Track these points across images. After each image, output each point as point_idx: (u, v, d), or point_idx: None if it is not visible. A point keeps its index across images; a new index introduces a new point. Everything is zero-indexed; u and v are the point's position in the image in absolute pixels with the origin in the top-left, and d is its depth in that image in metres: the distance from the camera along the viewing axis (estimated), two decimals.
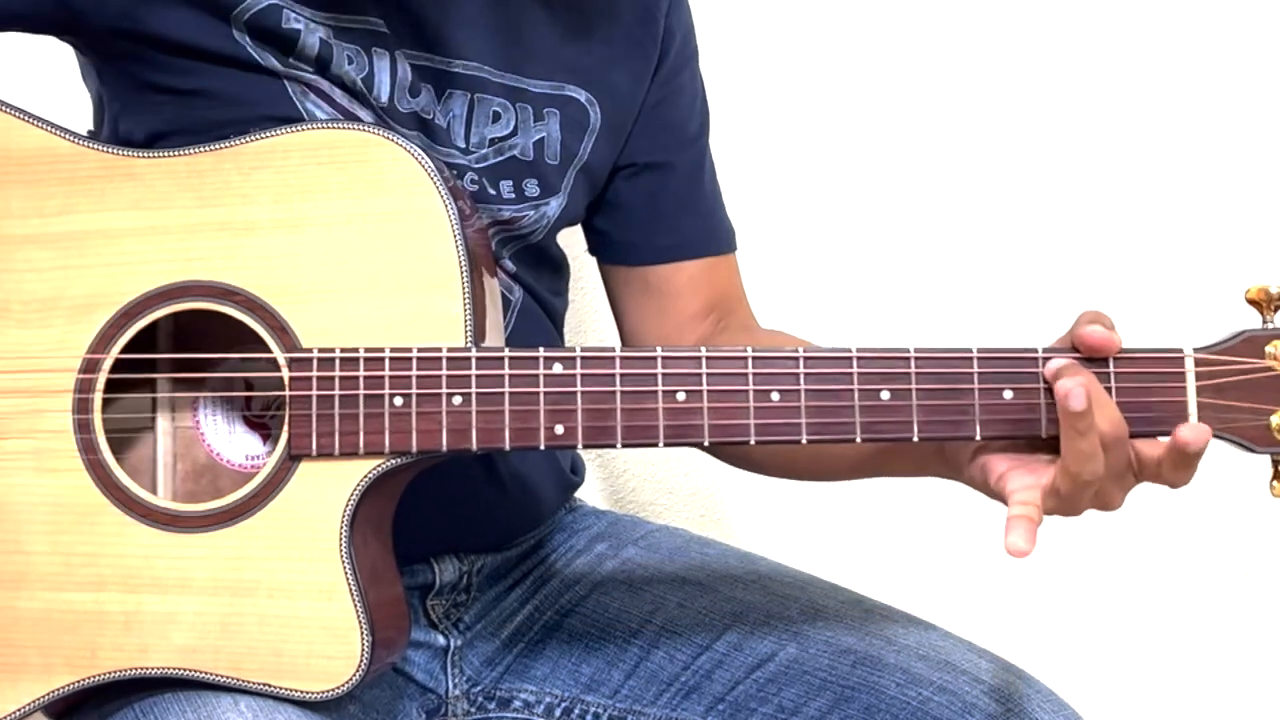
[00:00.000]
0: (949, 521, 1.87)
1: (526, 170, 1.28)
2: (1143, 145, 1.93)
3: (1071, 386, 1.07)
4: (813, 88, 1.88)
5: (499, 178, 1.28)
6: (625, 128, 1.35)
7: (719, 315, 1.41)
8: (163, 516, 1.13)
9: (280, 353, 1.12)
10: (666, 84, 1.38)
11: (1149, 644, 1.98)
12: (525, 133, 1.28)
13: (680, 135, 1.40)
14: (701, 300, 1.40)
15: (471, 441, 1.11)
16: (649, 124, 1.37)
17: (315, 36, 1.21)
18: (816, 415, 1.11)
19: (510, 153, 1.28)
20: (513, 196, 1.28)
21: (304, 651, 1.11)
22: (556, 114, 1.29)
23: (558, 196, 1.31)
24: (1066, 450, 1.08)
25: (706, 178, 1.42)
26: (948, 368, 1.11)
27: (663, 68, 1.37)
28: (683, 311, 1.39)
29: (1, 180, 1.15)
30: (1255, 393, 1.11)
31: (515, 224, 1.29)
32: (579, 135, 1.31)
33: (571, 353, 1.12)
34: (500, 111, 1.27)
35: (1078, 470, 1.07)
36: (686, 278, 1.40)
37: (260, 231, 1.13)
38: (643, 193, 1.38)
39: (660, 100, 1.38)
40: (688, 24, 1.41)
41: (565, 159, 1.30)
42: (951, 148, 1.91)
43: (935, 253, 1.91)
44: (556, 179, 1.30)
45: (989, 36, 1.91)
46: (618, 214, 1.39)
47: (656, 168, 1.38)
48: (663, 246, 1.39)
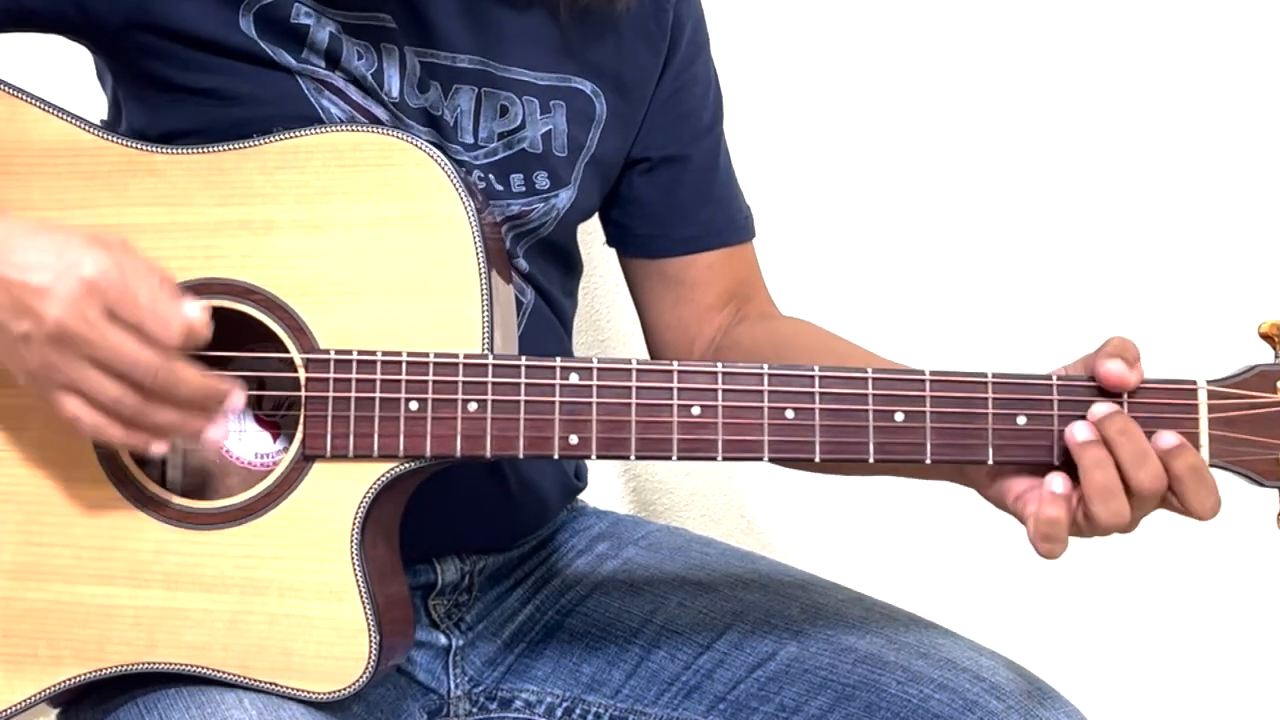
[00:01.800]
0: (950, 520, 1.88)
1: (536, 163, 1.28)
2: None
3: (1075, 423, 1.09)
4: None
5: (509, 171, 1.28)
6: (635, 119, 1.35)
7: (738, 303, 1.41)
8: (175, 513, 1.13)
9: (298, 353, 1.12)
10: (679, 75, 1.37)
11: (1150, 642, 1.99)
12: (533, 125, 1.28)
13: (695, 126, 1.40)
14: (720, 288, 1.40)
15: (486, 448, 1.12)
16: (663, 116, 1.37)
17: (325, 31, 1.20)
18: (830, 434, 1.12)
19: (520, 145, 1.28)
20: (523, 190, 1.28)
21: (312, 651, 1.12)
22: (563, 106, 1.29)
23: (568, 189, 1.31)
24: (1087, 488, 1.08)
25: (722, 166, 1.42)
26: (962, 391, 1.12)
27: (674, 59, 1.37)
28: (701, 300, 1.40)
29: (24, 171, 1.15)
30: (1266, 427, 1.11)
31: (524, 218, 1.29)
32: (585, 127, 1.31)
33: (588, 363, 1.12)
34: (508, 105, 1.27)
35: (1100, 511, 1.08)
36: (704, 267, 1.40)
37: (281, 231, 1.13)
38: (660, 186, 1.38)
39: (673, 92, 1.37)
40: (698, 13, 1.40)
41: (574, 150, 1.30)
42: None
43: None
44: (566, 171, 1.30)
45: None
46: (634, 208, 1.39)
47: (673, 161, 1.38)
48: (681, 238, 1.39)
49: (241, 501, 1.13)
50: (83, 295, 1.03)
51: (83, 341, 1.03)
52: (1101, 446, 1.08)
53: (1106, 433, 1.09)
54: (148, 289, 1.05)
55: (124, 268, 1.04)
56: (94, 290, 1.03)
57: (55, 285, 1.03)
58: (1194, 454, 1.09)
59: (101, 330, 1.04)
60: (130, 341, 1.04)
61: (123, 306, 1.04)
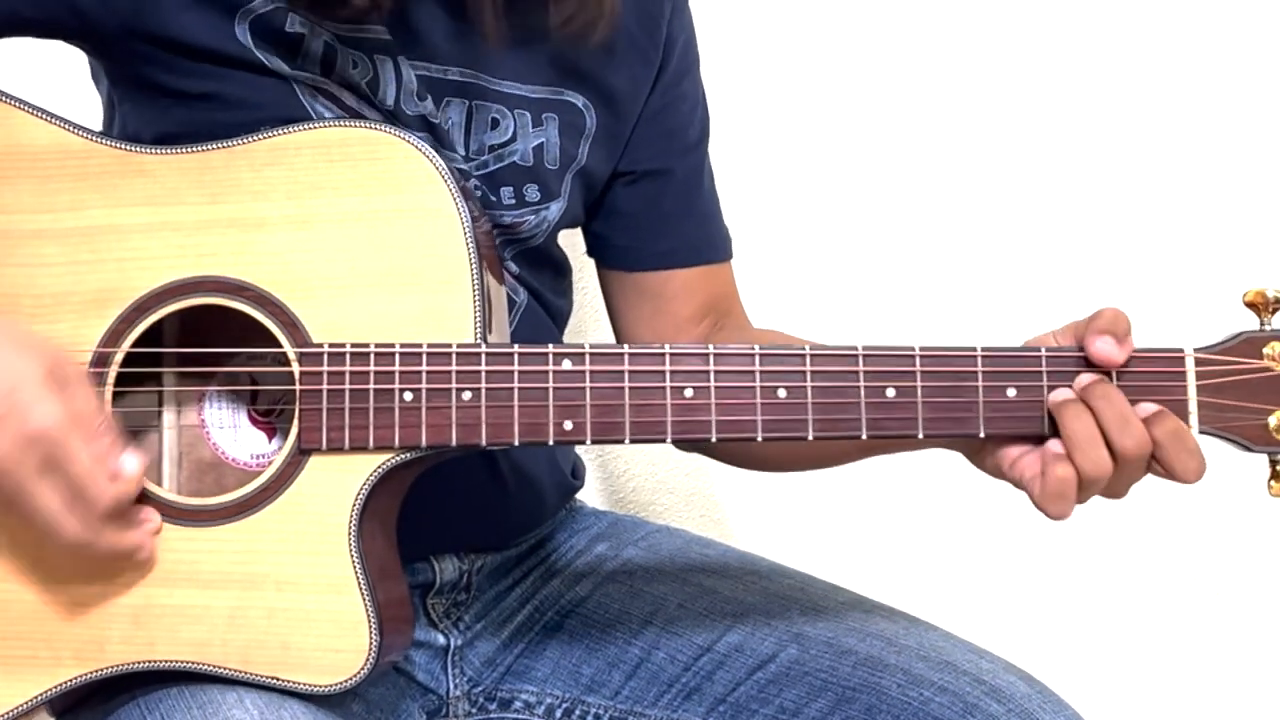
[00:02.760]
0: (950, 522, 1.88)
1: (526, 175, 1.29)
2: (1143, 147, 1.95)
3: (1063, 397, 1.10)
4: (811, 88, 1.89)
5: (499, 184, 1.28)
6: (623, 133, 1.36)
7: (714, 318, 1.42)
8: (172, 510, 1.13)
9: (291, 348, 1.13)
10: (668, 91, 1.39)
11: (1149, 644, 1.99)
12: (524, 138, 1.29)
13: (680, 142, 1.41)
14: (696, 304, 1.41)
15: (481, 437, 1.12)
16: (649, 131, 1.38)
17: (320, 41, 1.21)
18: (823, 412, 1.12)
19: (510, 159, 1.29)
20: (513, 202, 1.29)
21: (312, 645, 1.11)
22: (555, 118, 1.30)
23: (558, 200, 1.32)
24: (1068, 439, 1.10)
25: (705, 184, 1.43)
26: (952, 366, 1.13)
27: (664, 74, 1.38)
28: (677, 314, 1.40)
29: (13, 175, 1.15)
30: (1254, 393, 1.12)
31: (516, 229, 1.30)
32: (576, 140, 1.32)
33: (580, 349, 1.13)
34: (499, 118, 1.28)
35: (1082, 462, 1.09)
36: (681, 283, 1.41)
37: (271, 227, 1.14)
38: (641, 199, 1.39)
39: (662, 107, 1.38)
40: (690, 30, 1.42)
41: (564, 163, 1.31)
42: (949, 147, 1.92)
43: (933, 250, 1.92)
44: (556, 183, 1.31)
45: (984, 36, 1.92)
46: (616, 219, 1.40)
47: (656, 175, 1.39)
48: (659, 253, 1.40)
49: (238, 497, 1.13)
50: (22, 445, 1.05)
51: (14, 484, 1.06)
52: (1079, 404, 1.10)
53: (1089, 398, 1.10)
54: (87, 455, 1.06)
55: (70, 426, 1.06)
56: (34, 445, 1.05)
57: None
58: (1174, 419, 1.10)
59: (34, 484, 1.06)
60: (57, 502, 1.07)
61: (60, 468, 1.06)
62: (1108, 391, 1.10)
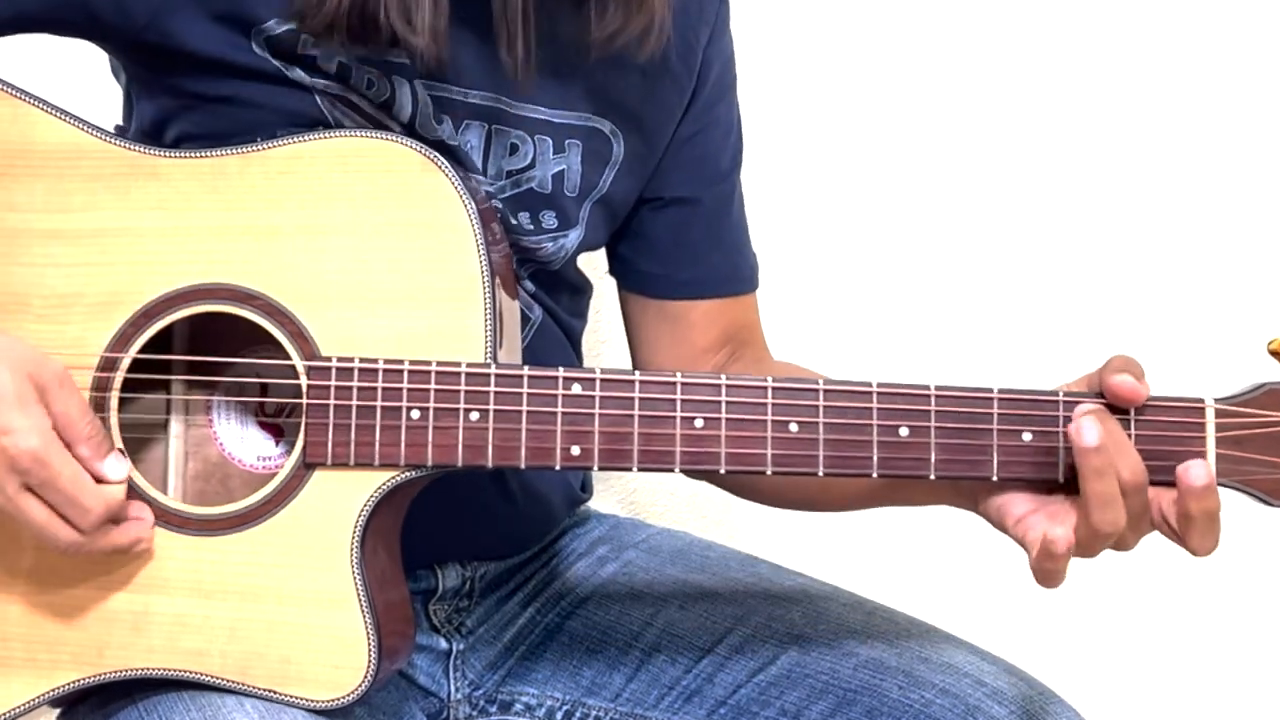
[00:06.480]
0: (951, 524, 1.86)
1: (543, 202, 1.26)
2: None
3: (1083, 421, 1.07)
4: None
5: (516, 210, 1.26)
6: (653, 160, 1.33)
7: (733, 348, 1.39)
8: (175, 519, 1.13)
9: (299, 360, 1.12)
10: (701, 117, 1.35)
11: (1150, 646, 1.99)
12: (544, 165, 1.26)
13: (712, 170, 1.37)
14: (716, 333, 1.38)
15: (487, 458, 1.11)
16: (680, 157, 1.34)
17: (334, 61, 1.19)
18: (834, 449, 1.11)
19: (528, 185, 1.26)
20: (531, 227, 1.27)
21: (311, 660, 1.11)
22: (579, 145, 1.27)
23: (575, 229, 1.29)
24: (1086, 496, 1.08)
25: (735, 213, 1.40)
26: (967, 407, 1.11)
27: (697, 100, 1.34)
28: (696, 343, 1.38)
29: (27, 173, 1.14)
30: (1275, 447, 1.11)
31: (535, 253, 1.28)
32: (599, 168, 1.29)
33: (591, 374, 1.12)
34: (518, 143, 1.25)
35: (1099, 521, 1.08)
36: (703, 313, 1.38)
37: (283, 237, 1.13)
38: (668, 226, 1.36)
39: (693, 134, 1.34)
40: (728, 54, 1.37)
41: (584, 190, 1.28)
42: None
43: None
44: (574, 211, 1.28)
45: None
46: (641, 244, 1.37)
47: (684, 203, 1.36)
48: (683, 281, 1.37)
49: (241, 508, 1.12)
50: (3, 469, 1.05)
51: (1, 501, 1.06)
52: (1107, 453, 1.07)
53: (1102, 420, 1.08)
54: (70, 469, 1.06)
55: (49, 442, 1.05)
56: (15, 466, 1.05)
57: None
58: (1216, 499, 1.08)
59: (20, 502, 1.06)
60: (45, 514, 1.07)
61: (43, 489, 1.06)
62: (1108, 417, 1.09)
